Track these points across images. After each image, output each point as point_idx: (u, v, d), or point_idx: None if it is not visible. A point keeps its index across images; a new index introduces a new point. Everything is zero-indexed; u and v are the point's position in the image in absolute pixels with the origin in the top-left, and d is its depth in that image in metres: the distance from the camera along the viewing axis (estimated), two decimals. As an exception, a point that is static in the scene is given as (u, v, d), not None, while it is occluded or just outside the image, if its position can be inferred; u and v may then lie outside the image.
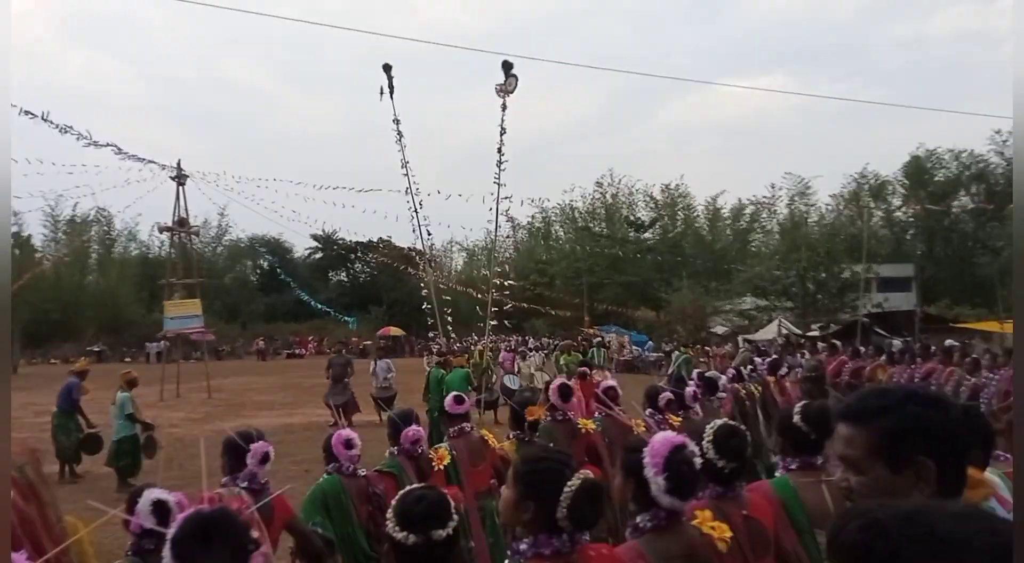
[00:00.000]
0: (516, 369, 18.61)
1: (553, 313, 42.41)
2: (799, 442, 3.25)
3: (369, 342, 47.07)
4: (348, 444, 4.29)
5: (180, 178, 24.84)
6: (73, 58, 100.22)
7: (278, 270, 44.17)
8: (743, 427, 3.19)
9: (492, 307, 15.87)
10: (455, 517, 2.19)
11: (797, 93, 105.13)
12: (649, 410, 5.99)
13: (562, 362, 19.13)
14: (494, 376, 17.25)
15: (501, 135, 14.24)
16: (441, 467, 4.83)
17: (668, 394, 6.13)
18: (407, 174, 14.44)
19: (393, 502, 2.21)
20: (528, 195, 60.69)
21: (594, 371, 19.81)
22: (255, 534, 1.88)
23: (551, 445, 4.59)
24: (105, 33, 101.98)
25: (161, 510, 3.07)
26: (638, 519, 2.53)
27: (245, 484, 3.75)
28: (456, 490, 4.34)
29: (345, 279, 70.03)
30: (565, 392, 5.83)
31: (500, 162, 14.39)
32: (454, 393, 5.59)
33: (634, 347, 36.08)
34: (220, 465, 3.92)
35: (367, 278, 67.35)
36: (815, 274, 36.97)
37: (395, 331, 50.72)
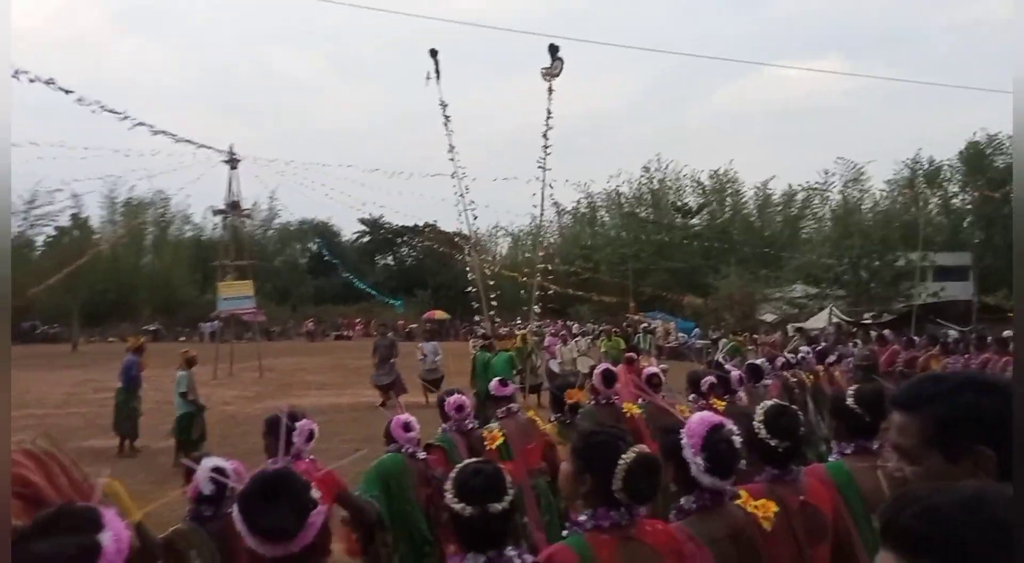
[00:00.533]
0: (558, 355, 18.63)
1: (598, 299, 42.29)
2: (853, 426, 3.21)
3: (415, 325, 47.53)
4: (407, 427, 4.38)
5: (232, 162, 25.33)
6: (124, 47, 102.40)
7: (324, 255, 44.75)
8: (793, 407, 3.16)
9: (536, 292, 15.88)
10: (511, 491, 2.22)
11: (851, 74, 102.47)
12: (692, 395, 6.00)
13: (603, 348, 19.11)
14: (539, 360, 17.28)
15: (547, 119, 14.18)
16: (494, 447, 4.91)
17: (711, 379, 6.12)
18: (453, 158, 14.46)
19: (451, 475, 2.26)
20: (573, 180, 60.49)
21: (640, 357, 19.77)
22: (316, 494, 1.94)
23: None
24: (155, 23, 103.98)
25: (219, 478, 3.16)
26: (682, 501, 2.55)
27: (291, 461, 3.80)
28: (511, 467, 4.38)
29: (392, 263, 70.69)
30: (608, 377, 5.86)
31: (546, 146, 14.34)
32: (499, 376, 5.68)
33: (680, 334, 35.77)
34: (265, 445, 4.00)
35: (413, 262, 67.90)
36: (868, 262, 36.16)
37: (440, 314, 51.09)
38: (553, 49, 13.80)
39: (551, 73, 13.84)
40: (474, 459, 2.39)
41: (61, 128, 61.99)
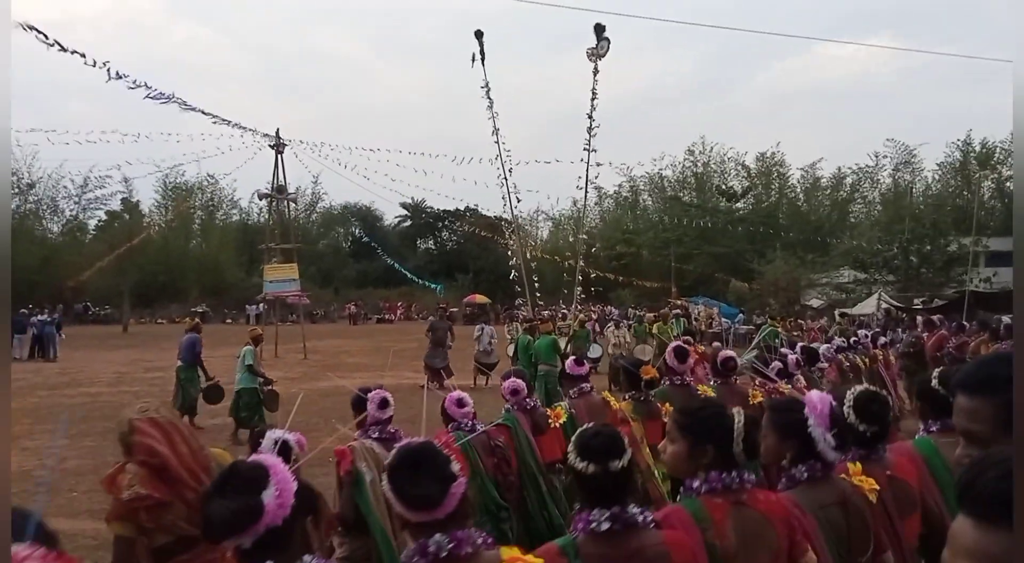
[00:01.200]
0: (594, 338, 18.57)
1: (639, 284, 41.98)
2: (939, 406, 3.24)
3: (455, 309, 47.77)
4: (460, 403, 4.50)
5: (278, 146, 25.60)
6: (177, 30, 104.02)
7: (365, 239, 45.16)
8: (883, 393, 3.24)
9: (579, 275, 15.79)
10: (629, 450, 2.33)
11: (904, 49, 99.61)
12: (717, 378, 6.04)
13: (656, 332, 18.98)
14: (588, 344, 17.24)
15: (592, 100, 14.01)
16: (558, 424, 4.97)
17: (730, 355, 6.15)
18: (497, 140, 14.39)
19: (573, 438, 2.38)
20: (616, 163, 59.97)
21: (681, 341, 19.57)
22: (456, 467, 2.04)
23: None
24: (208, 6, 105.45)
25: (283, 449, 3.26)
26: (793, 471, 2.68)
27: (376, 434, 3.98)
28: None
29: (432, 247, 71.06)
30: (681, 354, 5.80)
31: (591, 128, 14.19)
32: (573, 356, 5.84)
33: (724, 319, 35.35)
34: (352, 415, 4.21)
35: (454, 246, 68.15)
36: (919, 247, 35.28)
37: (481, 298, 51.25)
38: (599, 29, 13.62)
39: (597, 53, 13.66)
40: (594, 424, 2.52)
41: (115, 112, 63.57)
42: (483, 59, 13.95)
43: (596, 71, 13.79)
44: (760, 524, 2.40)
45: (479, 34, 14.07)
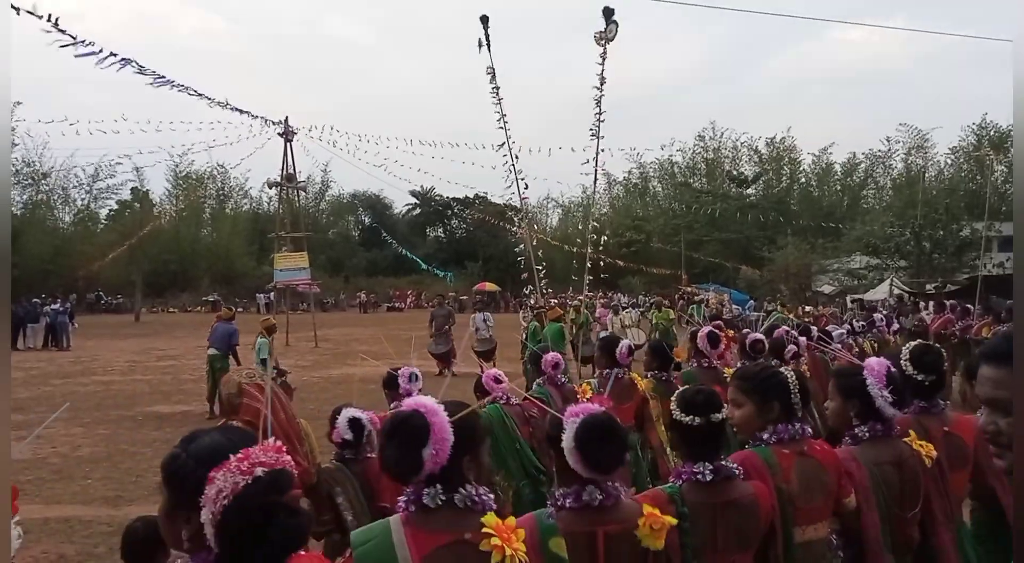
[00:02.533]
0: (608, 325, 18.55)
1: (648, 270, 41.90)
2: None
3: (465, 297, 47.81)
4: (497, 379, 4.83)
5: (288, 134, 25.60)
6: (187, 18, 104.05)
7: (378, 227, 45.22)
8: (937, 345, 3.48)
9: (588, 263, 15.75)
10: (725, 406, 2.64)
11: (914, 30, 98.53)
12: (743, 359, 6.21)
13: (654, 320, 18.92)
14: (591, 331, 17.20)
15: (600, 86, 13.90)
16: (585, 399, 5.01)
17: (759, 338, 6.49)
18: (503, 127, 14.28)
19: (674, 397, 2.67)
20: (626, 150, 59.70)
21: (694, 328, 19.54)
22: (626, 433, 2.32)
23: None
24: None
25: (356, 426, 3.63)
26: (856, 430, 2.94)
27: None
28: None
29: (442, 235, 71.05)
30: (714, 339, 5.97)
31: (599, 113, 14.08)
32: (550, 347, 6.10)
33: (735, 305, 35.28)
34: (385, 396, 4.58)
35: (463, 234, 68.15)
36: (932, 232, 35.03)
37: (491, 286, 51.27)
38: (608, 12, 13.48)
39: (605, 37, 13.52)
40: (692, 386, 2.86)
41: (125, 101, 63.65)
42: (488, 45, 13.84)
43: (604, 56, 13.66)
44: (817, 469, 2.73)
45: (484, 19, 13.95)
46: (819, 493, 2.71)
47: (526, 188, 14.76)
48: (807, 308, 28.60)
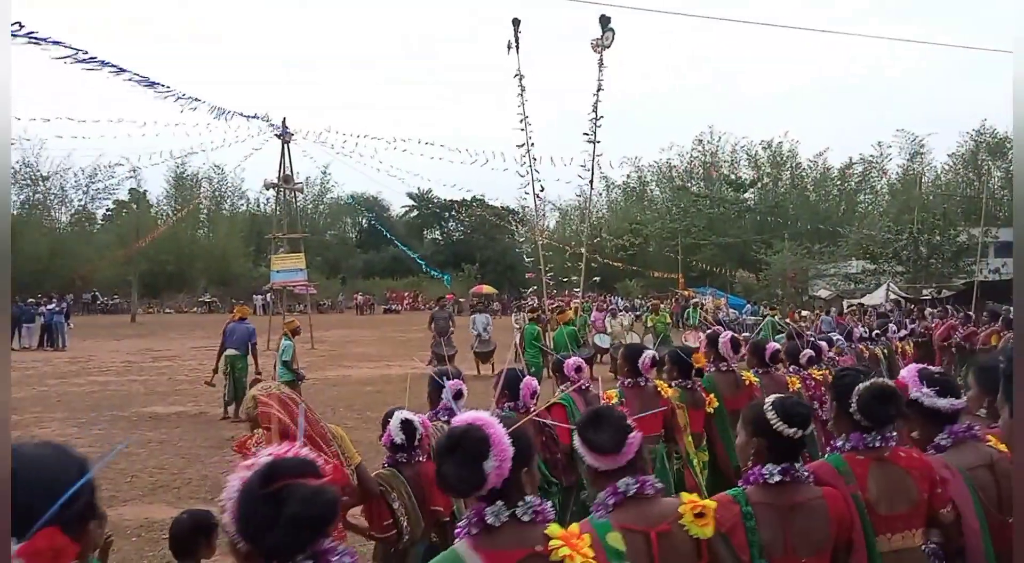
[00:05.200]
0: (607, 328, 18.52)
1: (646, 274, 41.92)
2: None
3: (463, 299, 47.83)
4: (578, 368, 4.96)
5: (285, 136, 25.57)
6: (184, 17, 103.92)
7: (377, 226, 44.99)
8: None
9: (583, 265, 15.73)
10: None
11: (909, 40, 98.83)
12: (756, 367, 6.15)
13: (650, 322, 18.90)
14: (586, 334, 17.17)
15: (597, 93, 13.92)
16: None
17: (775, 347, 6.36)
18: (524, 128, 14.21)
19: (772, 404, 2.64)
20: (623, 155, 59.76)
21: (687, 332, 19.54)
22: (633, 422, 2.43)
23: (714, 395, 5.27)
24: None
25: (408, 429, 3.62)
26: (938, 439, 2.92)
27: (445, 418, 4.19)
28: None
29: (439, 237, 71.06)
30: (736, 344, 6.02)
31: (595, 120, 14.09)
32: (561, 351, 5.84)
33: (731, 309, 35.31)
34: (427, 397, 4.54)
35: (461, 236, 68.14)
36: (929, 237, 35.11)
37: (488, 289, 51.30)
38: (604, 20, 13.50)
39: (602, 44, 13.54)
40: (784, 395, 2.80)
41: (122, 101, 63.61)
42: (518, 47, 13.79)
43: (601, 63, 13.68)
44: (901, 478, 2.70)
45: (516, 22, 13.90)
46: (903, 502, 2.68)
47: (542, 190, 14.74)
48: (803, 312, 28.65)
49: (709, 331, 6.22)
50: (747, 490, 2.55)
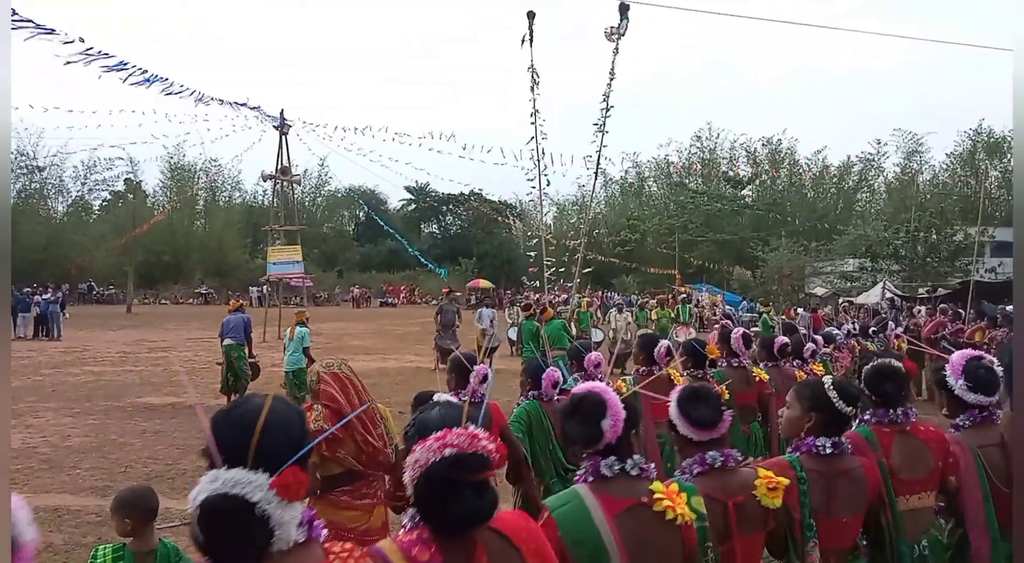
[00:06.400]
0: (611, 322, 18.56)
1: (643, 269, 41.92)
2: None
3: (459, 293, 47.83)
4: (555, 383, 4.97)
5: (283, 127, 25.50)
6: (184, 8, 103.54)
7: (376, 218, 45.02)
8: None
9: (582, 259, 15.73)
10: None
11: (908, 37, 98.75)
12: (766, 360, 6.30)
13: (654, 316, 18.96)
14: (588, 328, 17.20)
15: (610, 82, 13.85)
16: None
17: (784, 341, 6.50)
18: (534, 122, 14.19)
19: (834, 385, 2.97)
20: (621, 150, 59.73)
21: (678, 328, 19.58)
22: (726, 397, 2.74)
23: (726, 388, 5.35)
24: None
25: None
26: (957, 420, 3.26)
27: (467, 398, 4.17)
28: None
29: (436, 231, 70.98)
30: (748, 341, 6.20)
31: (606, 109, 14.05)
32: (555, 345, 5.86)
33: (727, 306, 35.37)
34: (447, 380, 4.61)
35: (458, 231, 68.07)
36: (925, 236, 35.16)
37: (484, 283, 51.28)
38: (623, 8, 13.35)
39: (617, 32, 13.43)
40: (844, 380, 3.12)
41: (120, 92, 63.35)
42: (531, 41, 13.71)
43: (616, 51, 13.57)
44: (920, 448, 3.14)
45: (531, 15, 13.82)
46: (922, 468, 3.12)
47: (547, 184, 14.75)
48: (799, 310, 28.71)
49: (719, 325, 6.35)
50: (801, 457, 2.88)
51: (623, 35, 13.36)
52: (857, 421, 3.16)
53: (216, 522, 1.40)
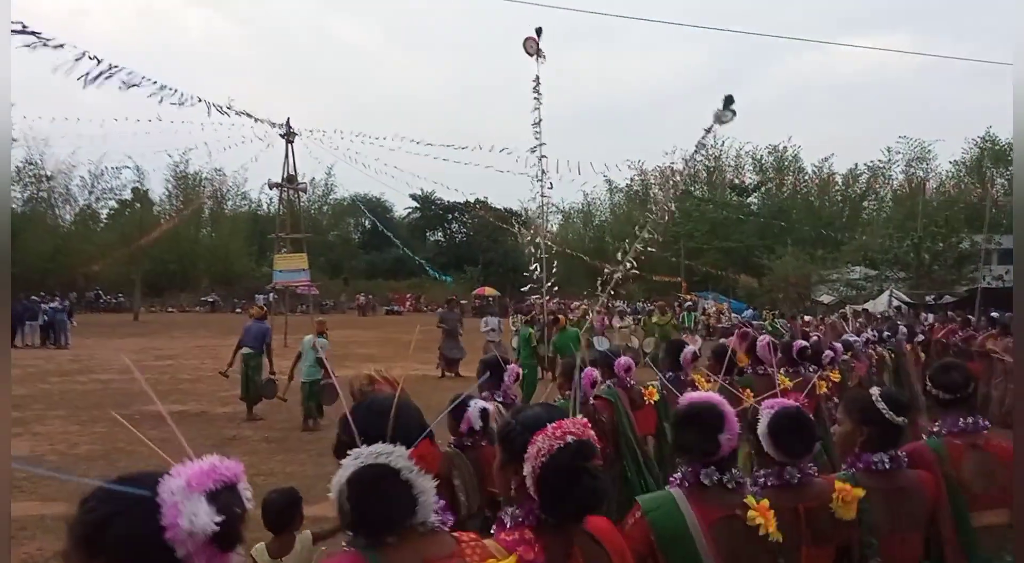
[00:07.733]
0: (616, 325, 18.60)
1: (648, 277, 41.79)
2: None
3: (464, 301, 47.85)
4: (593, 383, 5.12)
5: (289, 136, 25.60)
6: (191, 17, 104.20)
7: (381, 227, 45.08)
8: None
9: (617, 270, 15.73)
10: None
11: (918, 52, 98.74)
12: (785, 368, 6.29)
13: (655, 320, 18.96)
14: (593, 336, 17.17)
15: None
16: (652, 402, 5.49)
17: (802, 344, 6.64)
18: (537, 133, 14.28)
19: (882, 395, 2.92)
20: (628, 158, 59.79)
21: (684, 335, 19.59)
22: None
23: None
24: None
25: (484, 416, 3.86)
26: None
27: (500, 399, 4.49)
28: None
29: (442, 239, 71.07)
30: (775, 348, 6.26)
31: (684, 180, 14.07)
32: (564, 353, 6.01)
33: (733, 314, 35.30)
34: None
35: (463, 239, 68.13)
36: (932, 244, 35.07)
37: (490, 291, 51.28)
38: (728, 100, 13.39)
39: (720, 120, 13.50)
40: (884, 388, 3.09)
41: (126, 101, 63.70)
42: (538, 56, 13.80)
43: (710, 131, 13.59)
44: (992, 463, 3.01)
45: (539, 31, 13.93)
46: (993, 485, 2.98)
47: (550, 187, 14.77)
48: (806, 317, 28.64)
49: (738, 331, 6.37)
50: (856, 474, 2.80)
51: (725, 123, 13.39)
52: (926, 434, 3.12)
53: (365, 491, 1.52)
